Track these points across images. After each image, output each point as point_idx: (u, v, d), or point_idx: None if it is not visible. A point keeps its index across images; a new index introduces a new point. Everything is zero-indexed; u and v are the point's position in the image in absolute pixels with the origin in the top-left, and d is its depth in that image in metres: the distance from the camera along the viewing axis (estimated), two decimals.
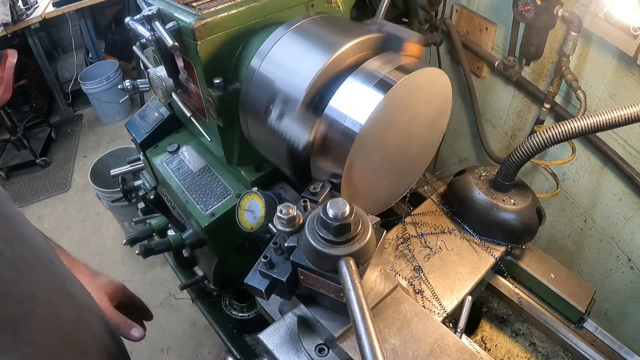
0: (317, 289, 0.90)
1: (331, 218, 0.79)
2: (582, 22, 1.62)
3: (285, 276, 0.88)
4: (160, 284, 3.13)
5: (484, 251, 1.31)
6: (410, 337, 0.92)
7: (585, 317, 1.28)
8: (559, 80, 1.84)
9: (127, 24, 1.24)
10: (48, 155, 4.47)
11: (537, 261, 1.35)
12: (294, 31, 1.16)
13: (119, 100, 4.66)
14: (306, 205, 0.93)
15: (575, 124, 1.10)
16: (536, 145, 1.17)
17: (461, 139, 2.77)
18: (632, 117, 1.04)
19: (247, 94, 1.19)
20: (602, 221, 1.89)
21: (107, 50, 5.12)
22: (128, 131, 1.79)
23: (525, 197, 1.32)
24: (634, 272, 1.80)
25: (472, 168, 1.43)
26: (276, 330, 0.99)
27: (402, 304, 0.98)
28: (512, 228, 1.28)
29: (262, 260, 0.89)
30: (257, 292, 0.90)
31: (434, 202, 1.47)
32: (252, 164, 1.43)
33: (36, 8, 4.09)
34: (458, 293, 1.21)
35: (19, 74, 4.13)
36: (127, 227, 3.15)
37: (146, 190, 1.88)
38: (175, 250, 1.53)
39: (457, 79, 2.56)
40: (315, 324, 0.96)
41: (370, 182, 1.21)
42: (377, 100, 0.99)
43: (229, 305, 1.98)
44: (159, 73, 1.33)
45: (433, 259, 1.30)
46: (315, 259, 0.83)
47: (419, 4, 2.02)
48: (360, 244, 0.81)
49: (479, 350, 1.15)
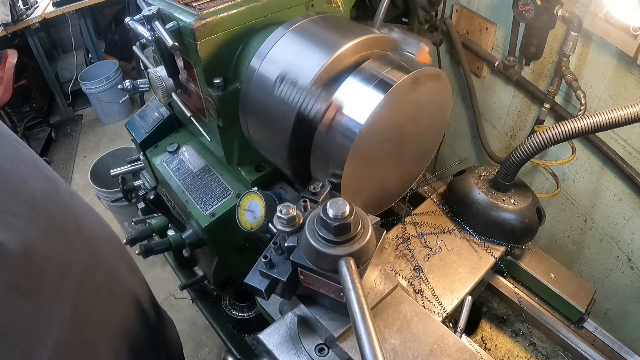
0: (317, 289, 0.90)
1: (331, 218, 0.79)
2: (582, 22, 1.62)
3: (285, 276, 0.89)
4: (160, 284, 3.13)
5: (484, 251, 1.31)
6: (410, 337, 0.92)
7: (585, 317, 1.28)
8: (559, 80, 1.84)
9: (127, 24, 1.25)
10: (48, 155, 4.46)
11: (537, 261, 1.35)
12: (294, 31, 1.16)
13: (119, 100, 4.66)
14: (306, 205, 0.93)
15: (575, 124, 1.10)
16: (536, 145, 1.17)
17: (461, 139, 2.77)
18: (632, 117, 1.04)
19: (247, 94, 1.19)
20: (602, 221, 1.89)
21: (107, 50, 5.12)
22: (128, 131, 1.79)
23: (525, 197, 1.32)
24: (634, 272, 1.80)
25: (472, 168, 1.43)
26: (276, 330, 0.99)
27: (402, 304, 0.98)
28: (512, 228, 1.28)
29: (262, 260, 0.89)
30: (257, 292, 0.91)
31: (434, 202, 1.47)
32: (252, 164, 1.43)
33: (36, 8, 4.08)
34: (458, 293, 1.21)
35: (19, 74, 4.13)
36: (127, 227, 3.15)
37: (146, 190, 1.88)
38: (175, 250, 1.53)
39: (457, 79, 2.56)
40: (315, 324, 0.97)
41: (370, 182, 1.21)
42: (377, 100, 0.99)
43: (229, 305, 1.98)
44: (159, 73, 1.33)
45: (433, 259, 1.30)
46: (315, 259, 0.83)
47: (419, 4, 2.02)
48: (360, 244, 0.81)
49: (479, 350, 1.16)
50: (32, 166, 0.65)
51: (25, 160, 0.64)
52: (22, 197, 0.57)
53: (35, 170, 0.66)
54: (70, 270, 0.63)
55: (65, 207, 0.70)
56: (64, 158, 4.47)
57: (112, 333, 0.74)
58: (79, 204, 0.77)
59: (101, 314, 0.72)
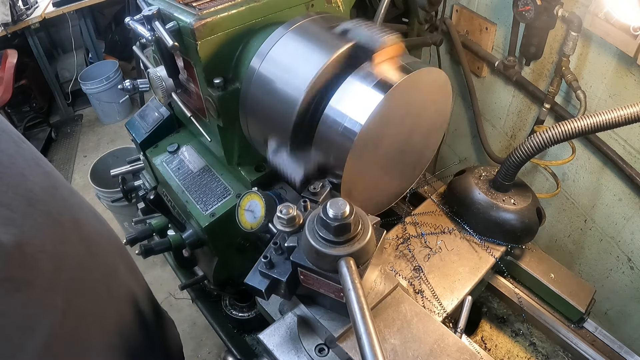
0: (317, 289, 0.90)
1: (331, 218, 0.79)
2: (582, 22, 1.62)
3: (285, 276, 0.89)
4: (160, 284, 3.13)
5: (484, 251, 1.31)
6: (410, 337, 0.92)
7: (585, 317, 1.28)
8: (559, 80, 1.84)
9: (127, 24, 1.24)
10: (48, 155, 4.46)
11: (537, 261, 1.35)
12: (294, 31, 1.16)
13: (119, 100, 4.66)
14: (306, 205, 0.93)
15: (575, 124, 1.10)
16: (536, 145, 1.17)
17: (461, 139, 2.77)
18: (632, 117, 1.03)
19: (247, 94, 1.19)
20: (602, 221, 1.89)
21: (107, 50, 5.12)
22: (128, 131, 1.79)
23: (525, 197, 1.32)
24: (634, 272, 1.80)
25: (472, 168, 1.43)
26: (276, 330, 0.99)
27: (402, 304, 0.98)
28: (512, 228, 1.28)
29: (262, 260, 0.89)
30: (257, 292, 0.90)
31: (434, 202, 1.47)
32: (252, 164, 1.43)
33: (36, 8, 4.08)
34: (458, 293, 1.21)
35: (19, 74, 4.13)
36: (127, 227, 3.15)
37: (146, 190, 1.88)
38: (175, 250, 1.53)
39: (457, 79, 2.56)
40: (315, 324, 0.97)
41: (370, 182, 1.21)
42: (377, 100, 0.99)
43: (229, 305, 1.97)
44: (159, 73, 1.33)
45: (433, 259, 1.30)
46: (315, 259, 0.83)
47: (419, 4, 2.02)
48: (361, 244, 0.81)
49: (479, 350, 1.15)
50: (31, 161, 0.66)
51: (25, 155, 0.65)
52: (19, 191, 0.58)
53: (34, 165, 0.66)
54: (65, 263, 0.63)
55: (63, 201, 0.70)
56: (64, 158, 4.47)
57: (107, 331, 0.74)
58: (77, 200, 0.77)
59: (96, 310, 0.71)
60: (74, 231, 0.70)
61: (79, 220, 0.73)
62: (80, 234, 0.71)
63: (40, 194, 0.62)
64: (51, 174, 0.70)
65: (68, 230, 0.68)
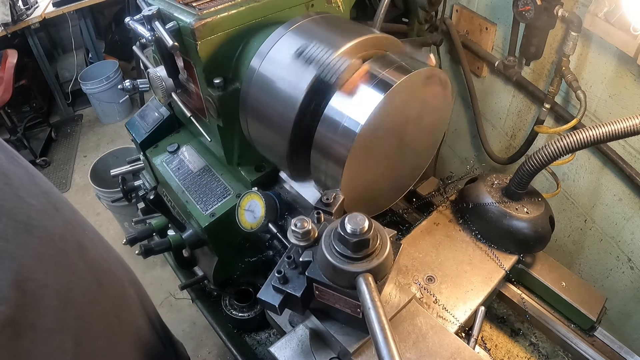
0: (332, 304, 0.87)
1: (349, 234, 0.75)
2: (582, 22, 1.62)
3: (300, 291, 0.85)
4: (160, 284, 3.13)
5: (496, 260, 1.28)
6: (426, 351, 0.89)
7: (597, 326, 1.25)
8: (559, 80, 1.83)
9: (127, 24, 1.25)
10: (48, 156, 4.46)
11: (548, 269, 1.32)
12: (294, 31, 1.16)
13: (119, 100, 4.66)
14: (320, 217, 0.89)
15: (592, 132, 1.05)
16: (552, 153, 1.12)
17: (461, 139, 2.77)
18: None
19: (247, 94, 1.19)
20: (602, 221, 1.89)
21: (107, 50, 5.12)
22: (128, 131, 1.79)
23: (538, 206, 1.28)
24: (634, 272, 1.80)
25: (484, 175, 1.39)
26: (288, 343, 0.96)
27: (417, 317, 0.95)
28: (525, 237, 1.25)
29: (275, 274, 0.85)
30: (270, 307, 0.87)
31: (445, 210, 1.43)
32: (252, 164, 1.43)
33: (36, 8, 4.08)
34: (471, 303, 1.18)
35: (19, 74, 4.13)
36: (127, 227, 3.15)
37: (146, 190, 1.88)
38: (175, 250, 1.53)
39: (457, 79, 2.56)
40: (329, 339, 0.94)
41: (370, 182, 1.20)
42: (377, 100, 0.99)
43: (229, 305, 1.97)
44: (159, 73, 1.33)
45: (445, 268, 1.26)
46: (332, 275, 0.80)
47: (419, 4, 2.02)
48: (379, 260, 0.77)
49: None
50: (27, 180, 0.59)
51: (20, 174, 0.58)
52: (15, 216, 0.51)
53: (31, 184, 0.59)
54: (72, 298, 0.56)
55: (66, 224, 0.63)
56: (64, 158, 4.47)
57: None
58: (80, 220, 0.71)
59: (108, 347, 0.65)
60: (80, 259, 0.62)
61: (84, 246, 0.65)
62: (86, 261, 0.64)
63: (38, 217, 0.55)
64: (50, 193, 0.63)
65: (73, 259, 0.60)
